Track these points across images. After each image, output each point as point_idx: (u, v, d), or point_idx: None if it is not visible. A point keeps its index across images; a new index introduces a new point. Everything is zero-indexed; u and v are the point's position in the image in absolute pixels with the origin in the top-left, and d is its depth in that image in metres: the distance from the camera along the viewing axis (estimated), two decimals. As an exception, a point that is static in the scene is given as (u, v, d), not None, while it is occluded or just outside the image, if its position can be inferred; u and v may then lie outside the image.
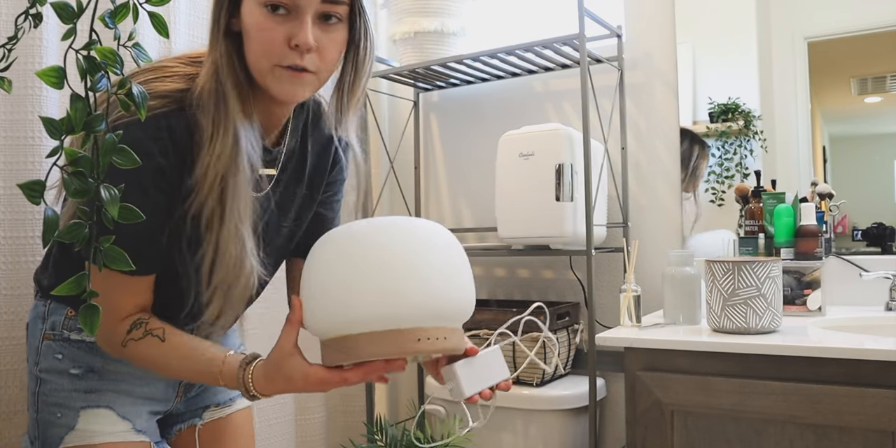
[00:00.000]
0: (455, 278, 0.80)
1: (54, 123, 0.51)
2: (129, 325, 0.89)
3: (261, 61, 0.86)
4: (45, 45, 1.22)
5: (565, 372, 1.75)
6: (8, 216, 1.20)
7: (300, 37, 0.84)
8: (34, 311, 1.01)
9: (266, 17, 0.84)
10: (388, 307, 0.75)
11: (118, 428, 0.96)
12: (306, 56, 0.85)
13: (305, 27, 0.84)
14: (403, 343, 0.76)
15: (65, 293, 0.54)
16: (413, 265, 0.76)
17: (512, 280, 1.98)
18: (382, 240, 0.78)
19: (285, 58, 0.85)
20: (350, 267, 0.77)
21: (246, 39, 0.87)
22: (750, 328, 1.18)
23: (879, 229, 1.53)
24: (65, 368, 0.96)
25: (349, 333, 0.77)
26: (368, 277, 0.76)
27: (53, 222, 0.51)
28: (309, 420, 1.84)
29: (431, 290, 0.76)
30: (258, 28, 0.85)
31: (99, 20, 0.54)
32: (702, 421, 1.17)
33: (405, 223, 0.81)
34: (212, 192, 0.86)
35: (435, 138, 2.13)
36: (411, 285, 0.76)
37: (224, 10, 0.87)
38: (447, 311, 0.79)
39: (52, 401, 0.95)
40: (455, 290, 0.79)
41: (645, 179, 1.78)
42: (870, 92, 1.55)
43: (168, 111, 0.86)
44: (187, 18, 1.49)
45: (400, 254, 0.77)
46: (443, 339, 0.78)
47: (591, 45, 1.77)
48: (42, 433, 0.96)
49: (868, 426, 1.04)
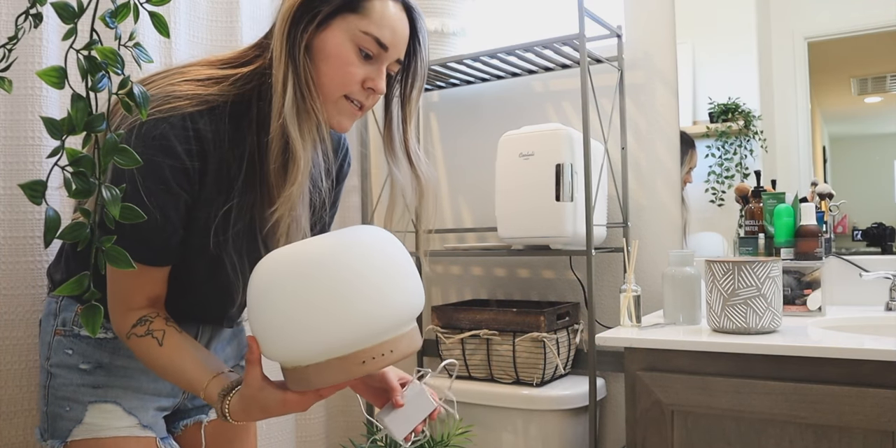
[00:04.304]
0: (389, 290, 0.78)
1: (55, 123, 0.51)
2: (136, 319, 0.91)
3: (335, 89, 0.92)
4: (46, 45, 1.22)
5: (565, 372, 1.75)
6: (8, 216, 1.20)
7: (377, 83, 0.93)
8: (47, 307, 1.04)
9: (357, 55, 0.91)
10: (322, 338, 0.75)
11: (124, 423, 0.98)
12: (371, 98, 0.94)
13: (383, 76, 0.93)
14: (349, 368, 0.76)
15: (66, 293, 0.54)
16: (339, 293, 0.75)
17: (512, 280, 1.98)
18: (307, 271, 0.76)
19: (356, 94, 0.93)
20: (279, 303, 0.76)
21: (324, 63, 0.91)
22: (750, 328, 1.19)
23: (879, 229, 1.53)
24: (74, 364, 0.99)
25: (298, 366, 0.78)
26: (299, 312, 0.75)
27: (55, 222, 0.51)
28: (309, 420, 1.84)
29: (362, 313, 0.75)
30: (346, 62, 0.90)
31: (100, 20, 0.54)
32: (702, 421, 1.17)
33: (329, 246, 0.78)
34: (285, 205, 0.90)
35: (435, 138, 2.13)
36: (341, 313, 0.75)
37: (314, 25, 0.90)
38: (385, 326, 0.77)
39: (61, 395, 0.98)
40: (390, 303, 0.78)
41: (645, 179, 1.78)
42: (870, 92, 1.55)
43: (196, 111, 0.88)
44: (187, 18, 1.49)
45: (325, 283, 0.75)
46: (389, 353, 0.78)
47: (591, 45, 1.77)
48: (51, 426, 0.99)
49: (868, 426, 1.04)
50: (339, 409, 1.97)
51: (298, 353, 0.76)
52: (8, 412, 1.18)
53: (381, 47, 0.91)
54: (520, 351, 1.67)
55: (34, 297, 1.21)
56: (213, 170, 0.90)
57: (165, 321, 0.92)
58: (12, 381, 1.19)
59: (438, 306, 1.81)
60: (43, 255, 1.22)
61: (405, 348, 0.80)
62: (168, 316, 0.94)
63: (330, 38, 0.90)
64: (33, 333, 1.20)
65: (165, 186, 0.86)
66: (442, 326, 1.79)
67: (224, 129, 0.90)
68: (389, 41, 0.91)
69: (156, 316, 0.91)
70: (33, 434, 1.19)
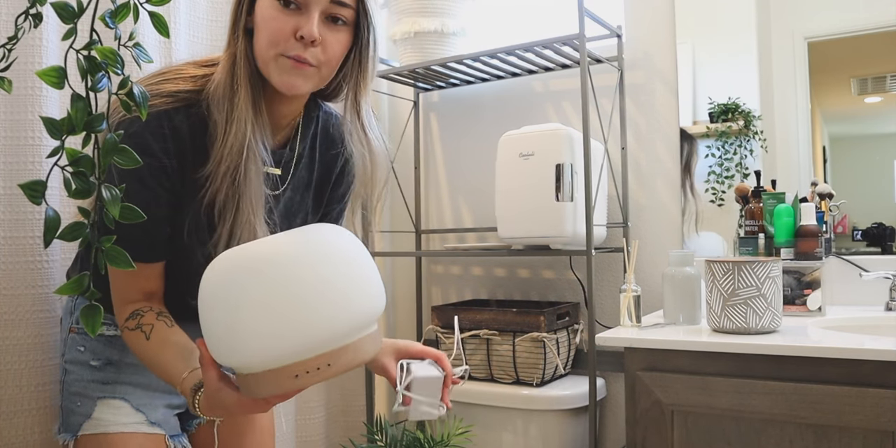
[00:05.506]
0: (333, 299, 0.73)
1: (55, 123, 0.51)
2: (129, 312, 0.92)
3: (267, 51, 0.90)
4: (46, 45, 1.22)
5: (565, 372, 1.75)
6: (8, 216, 1.20)
7: (306, 29, 0.88)
8: (65, 306, 1.10)
9: (277, 9, 0.89)
10: (254, 349, 0.72)
11: (132, 419, 1.01)
12: (310, 49, 0.89)
13: (311, 20, 0.88)
14: (282, 382, 0.73)
15: (66, 293, 0.55)
16: (271, 303, 0.71)
17: (512, 280, 1.98)
18: (240, 279, 0.73)
19: (290, 48, 0.89)
20: (218, 309, 0.74)
21: (256, 32, 0.91)
22: (750, 328, 1.19)
23: (879, 229, 1.53)
24: (85, 360, 1.03)
25: (240, 373, 0.77)
26: (234, 320, 0.72)
27: (55, 222, 0.51)
28: (309, 420, 1.84)
29: (289, 324, 0.71)
30: (268, 19, 0.89)
31: (99, 20, 0.54)
32: (702, 421, 1.17)
33: (269, 251, 0.74)
34: (224, 182, 0.90)
35: (435, 138, 2.13)
36: (273, 324, 0.71)
37: (243, 7, 0.92)
38: (320, 339, 0.73)
39: (73, 390, 1.02)
40: (325, 315, 0.73)
41: (645, 179, 1.78)
42: (870, 92, 1.55)
43: (172, 108, 0.89)
44: (187, 18, 1.49)
45: (257, 292, 0.72)
46: (326, 367, 0.73)
47: (591, 45, 1.77)
48: (65, 420, 1.02)
49: (868, 426, 1.04)
50: (340, 409, 1.97)
51: (236, 361, 0.74)
52: (8, 412, 1.18)
53: None
54: (520, 351, 1.67)
55: (34, 297, 1.21)
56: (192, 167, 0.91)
57: (157, 315, 0.93)
58: (12, 381, 1.19)
59: (438, 306, 1.81)
60: (43, 255, 1.22)
61: (347, 361, 0.75)
62: (162, 310, 0.95)
63: (259, 8, 0.91)
64: (33, 333, 1.20)
65: (143, 184, 0.88)
66: (442, 326, 1.79)
67: (201, 125, 0.91)
68: None
69: (148, 310, 0.93)
70: (33, 434, 1.19)
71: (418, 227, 2.10)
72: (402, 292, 2.15)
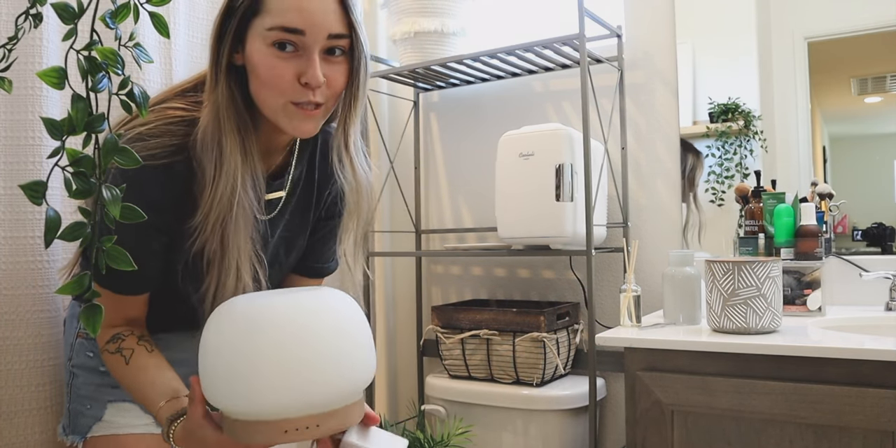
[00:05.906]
0: (328, 366, 0.76)
1: (55, 124, 0.51)
2: (110, 335, 0.93)
3: (274, 100, 0.86)
4: (46, 46, 1.22)
5: (565, 372, 1.75)
6: (8, 216, 1.20)
7: (310, 74, 0.84)
8: (71, 309, 1.11)
9: (275, 55, 0.84)
10: (250, 398, 0.74)
11: (142, 421, 1.03)
12: (317, 91, 0.86)
13: (315, 65, 0.84)
14: (272, 434, 0.76)
15: (66, 293, 0.55)
16: (277, 359, 0.74)
17: (512, 280, 1.98)
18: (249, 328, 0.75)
19: (297, 95, 0.86)
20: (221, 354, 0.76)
21: (253, 77, 0.87)
22: (750, 328, 1.19)
23: (879, 229, 1.53)
24: (94, 366, 1.04)
25: (229, 417, 0.78)
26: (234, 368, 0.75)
27: (55, 222, 0.51)
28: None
29: (295, 383, 0.74)
30: (268, 67, 0.84)
31: (100, 20, 0.54)
32: (702, 421, 1.17)
33: (284, 309, 0.77)
34: (213, 232, 0.89)
35: (435, 138, 2.13)
36: (273, 379, 0.74)
37: (227, 46, 0.87)
38: (318, 400, 0.76)
39: (82, 393, 1.04)
40: (324, 380, 0.76)
41: (645, 179, 1.78)
42: (870, 92, 1.55)
43: (171, 162, 0.88)
44: (187, 18, 1.49)
45: (266, 347, 0.74)
46: (315, 428, 0.76)
47: (591, 45, 1.77)
48: (73, 422, 1.04)
49: (868, 426, 1.04)
50: (340, 409, 1.96)
51: (233, 406, 0.76)
52: (8, 412, 1.18)
53: (293, 33, 0.83)
54: (520, 351, 1.67)
55: (34, 297, 1.21)
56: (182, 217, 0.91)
57: (137, 340, 0.93)
58: (12, 381, 1.19)
59: (438, 306, 1.81)
60: (43, 255, 1.22)
61: (335, 424, 0.78)
62: (143, 333, 0.95)
63: (250, 51, 0.86)
64: (34, 333, 1.20)
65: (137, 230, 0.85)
66: (442, 326, 1.79)
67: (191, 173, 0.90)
68: (299, 22, 0.83)
69: (129, 334, 0.93)
70: (33, 434, 1.19)
71: (418, 227, 2.10)
72: (402, 292, 2.15)
